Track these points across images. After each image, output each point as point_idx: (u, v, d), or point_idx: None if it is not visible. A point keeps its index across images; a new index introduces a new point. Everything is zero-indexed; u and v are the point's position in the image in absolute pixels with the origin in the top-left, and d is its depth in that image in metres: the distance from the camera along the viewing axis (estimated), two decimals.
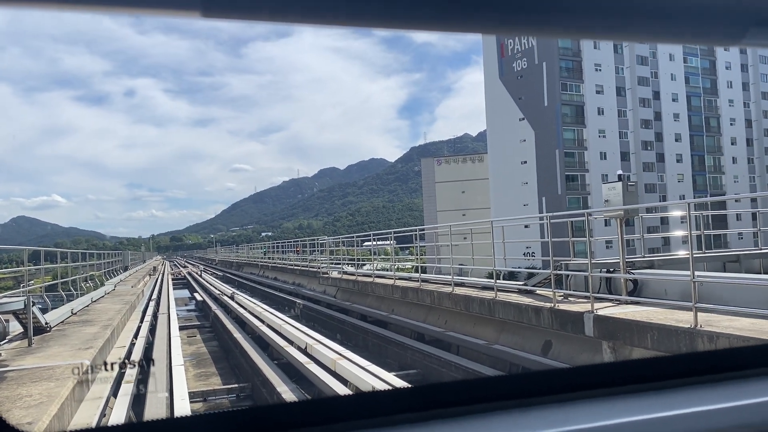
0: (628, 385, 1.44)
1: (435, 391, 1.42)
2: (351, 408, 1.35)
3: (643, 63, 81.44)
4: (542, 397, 1.39)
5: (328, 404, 1.42)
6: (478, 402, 1.36)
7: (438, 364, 12.67)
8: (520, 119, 79.29)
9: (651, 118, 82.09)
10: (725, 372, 1.48)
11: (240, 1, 0.71)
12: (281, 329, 16.33)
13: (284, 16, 0.71)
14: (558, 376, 1.54)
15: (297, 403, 1.41)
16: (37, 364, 7.69)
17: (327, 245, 30.18)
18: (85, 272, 21.82)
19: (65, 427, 6.11)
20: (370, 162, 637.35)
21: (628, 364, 1.64)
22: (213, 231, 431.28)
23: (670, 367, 1.54)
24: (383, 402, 1.36)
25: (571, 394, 1.41)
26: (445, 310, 14.38)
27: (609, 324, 8.87)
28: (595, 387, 1.43)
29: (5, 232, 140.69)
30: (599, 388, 1.43)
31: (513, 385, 1.48)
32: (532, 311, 10.69)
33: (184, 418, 1.23)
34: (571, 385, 1.43)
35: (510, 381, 1.57)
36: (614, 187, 10.81)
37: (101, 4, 0.69)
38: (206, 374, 15.42)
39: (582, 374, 1.52)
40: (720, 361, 1.53)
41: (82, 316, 13.26)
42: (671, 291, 10.14)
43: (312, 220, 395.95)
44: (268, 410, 1.28)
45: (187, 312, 30.05)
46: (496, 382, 1.56)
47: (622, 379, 1.46)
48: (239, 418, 1.24)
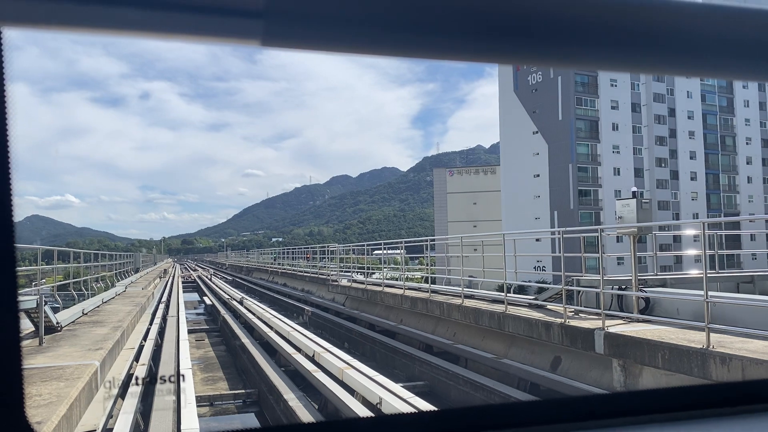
0: (640, 416, 1.43)
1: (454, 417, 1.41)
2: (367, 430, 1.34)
3: (659, 80, 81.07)
4: (552, 425, 1.38)
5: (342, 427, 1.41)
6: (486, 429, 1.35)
7: (446, 377, 12.60)
8: (533, 132, 79.16)
9: (666, 135, 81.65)
10: (743, 404, 1.46)
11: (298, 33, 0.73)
12: (289, 336, 16.33)
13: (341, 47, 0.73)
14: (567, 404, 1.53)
15: (312, 424, 1.40)
16: (48, 363, 7.72)
17: (337, 253, 30.20)
18: (97, 273, 21.97)
19: (73, 428, 6.13)
20: (382, 171, 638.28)
21: (641, 393, 1.63)
22: (224, 235, 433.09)
23: (685, 397, 1.52)
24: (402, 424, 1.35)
25: (585, 423, 1.40)
26: (454, 322, 14.32)
27: (620, 342, 8.79)
28: (608, 416, 1.41)
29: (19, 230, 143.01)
30: (612, 418, 1.41)
31: (533, 410, 1.47)
32: (542, 326, 10.62)
33: None
34: (583, 413, 1.42)
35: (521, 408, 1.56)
36: (628, 204, 10.75)
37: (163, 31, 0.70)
38: (213, 378, 15.44)
39: (595, 402, 1.50)
40: (738, 393, 1.50)
41: (92, 317, 13.33)
42: (683, 310, 10.04)
43: (323, 227, 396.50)
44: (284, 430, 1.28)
45: (196, 315, 30.15)
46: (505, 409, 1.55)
47: (635, 409, 1.44)
48: None
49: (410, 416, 1.39)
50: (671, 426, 1.41)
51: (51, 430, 5.11)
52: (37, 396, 5.97)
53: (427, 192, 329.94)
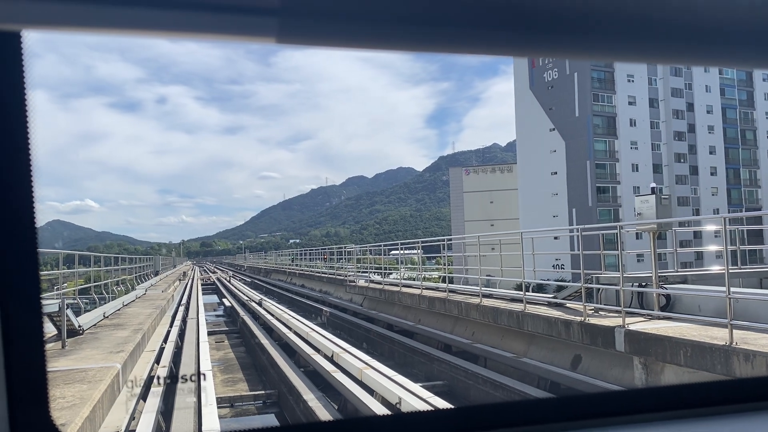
0: (665, 411, 1.41)
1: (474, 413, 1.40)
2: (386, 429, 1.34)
3: (677, 74, 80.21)
4: (581, 421, 1.37)
5: (362, 424, 1.41)
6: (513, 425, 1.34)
7: (465, 376, 12.57)
8: (550, 130, 78.67)
9: (684, 130, 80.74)
10: (749, 402, 1.44)
11: (312, 30, 0.73)
12: (308, 336, 16.38)
13: (355, 42, 0.73)
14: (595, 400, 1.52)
15: (334, 422, 1.40)
16: (70, 366, 7.82)
17: (354, 253, 30.25)
18: (117, 276, 22.21)
19: (96, 430, 6.20)
20: (398, 171, 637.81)
21: (666, 389, 1.61)
22: (242, 237, 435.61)
23: (711, 393, 1.50)
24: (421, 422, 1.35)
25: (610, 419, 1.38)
26: (473, 321, 14.28)
27: (641, 339, 8.71)
28: (631, 413, 1.40)
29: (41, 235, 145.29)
30: (635, 414, 1.40)
31: (550, 408, 1.46)
32: (562, 324, 10.55)
33: None
34: (609, 410, 1.41)
35: (546, 404, 1.55)
36: (647, 200, 10.64)
37: (178, 30, 0.71)
38: (233, 380, 15.53)
39: (617, 399, 1.49)
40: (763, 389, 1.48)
41: (113, 320, 13.48)
42: (705, 307, 9.92)
43: (339, 228, 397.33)
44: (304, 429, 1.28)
45: (216, 317, 30.34)
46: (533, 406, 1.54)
47: (659, 405, 1.43)
48: None
49: (427, 414, 1.39)
50: (682, 424, 1.39)
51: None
52: (61, 398, 6.05)
53: (443, 191, 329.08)
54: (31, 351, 1.21)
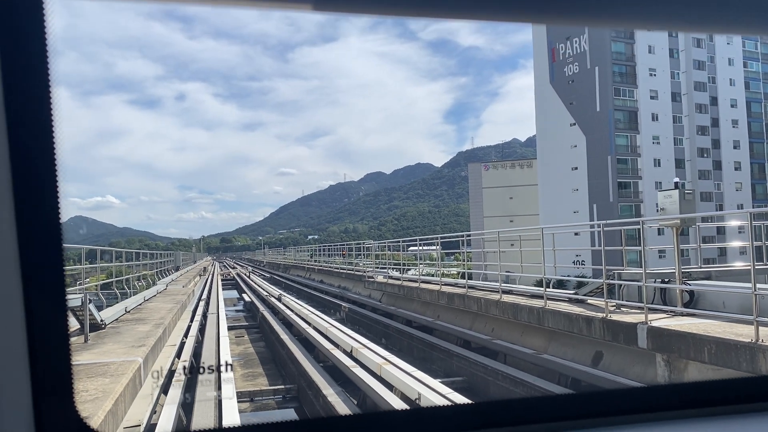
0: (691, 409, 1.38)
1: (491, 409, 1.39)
2: (404, 423, 1.32)
3: (700, 68, 79.06)
4: (605, 418, 1.35)
5: (380, 419, 1.40)
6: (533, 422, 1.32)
7: (484, 373, 12.52)
8: (571, 124, 77.98)
9: (708, 124, 79.59)
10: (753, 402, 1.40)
11: None
12: (327, 332, 16.43)
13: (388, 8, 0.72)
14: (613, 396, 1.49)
15: (352, 416, 1.38)
16: (93, 360, 7.92)
17: (373, 249, 30.27)
18: (138, 271, 22.46)
19: (119, 423, 6.27)
20: (416, 167, 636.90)
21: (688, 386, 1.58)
22: (261, 233, 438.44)
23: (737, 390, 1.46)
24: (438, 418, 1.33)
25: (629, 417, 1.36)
26: (492, 317, 14.21)
27: (663, 336, 8.60)
28: (652, 410, 1.37)
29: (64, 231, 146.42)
30: (655, 412, 1.37)
31: (574, 404, 1.44)
32: (583, 321, 10.46)
33: None
34: (628, 407, 1.38)
35: (569, 400, 1.52)
36: (670, 195, 10.49)
37: None
38: (253, 374, 15.63)
39: (637, 396, 1.46)
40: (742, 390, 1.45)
41: (135, 314, 13.63)
42: (730, 304, 9.77)
43: (358, 224, 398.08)
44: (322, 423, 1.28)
45: (236, 312, 30.56)
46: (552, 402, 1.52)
47: (682, 402, 1.40)
48: None
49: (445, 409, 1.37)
50: (704, 422, 1.37)
51: (98, 425, 5.23)
52: (84, 392, 6.12)
53: (461, 187, 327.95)
54: (56, 344, 1.22)
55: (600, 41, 74.22)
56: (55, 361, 1.23)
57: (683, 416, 1.36)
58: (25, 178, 1.11)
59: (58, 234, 1.17)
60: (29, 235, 1.12)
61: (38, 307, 1.17)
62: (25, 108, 1.10)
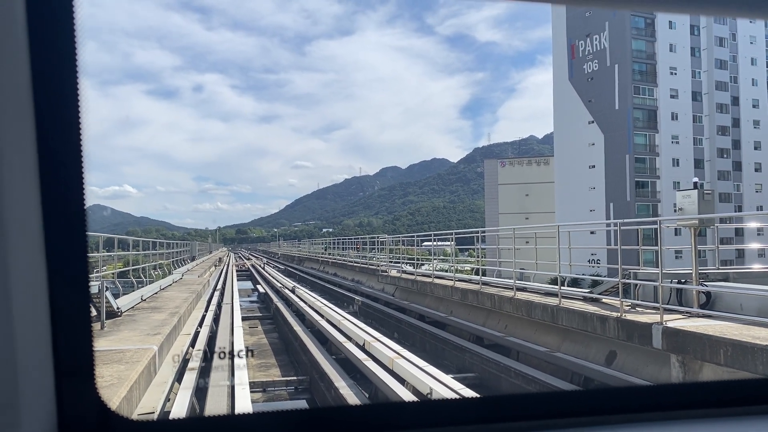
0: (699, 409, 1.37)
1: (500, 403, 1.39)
2: (414, 415, 1.33)
3: (722, 67, 78.00)
4: (614, 416, 1.34)
5: (391, 410, 1.41)
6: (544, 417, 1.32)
7: (497, 369, 12.51)
8: (589, 122, 77.32)
9: (729, 124, 78.55)
10: None
11: None
12: (340, 325, 16.50)
13: None
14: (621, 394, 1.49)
15: (359, 407, 1.39)
16: (109, 347, 8.01)
17: (387, 243, 30.29)
18: (155, 261, 22.66)
19: (133, 409, 6.35)
20: (432, 162, 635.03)
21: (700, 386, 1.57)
22: (276, 225, 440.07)
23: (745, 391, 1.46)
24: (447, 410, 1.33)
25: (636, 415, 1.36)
26: (506, 314, 14.18)
27: (679, 337, 8.53)
28: (660, 409, 1.37)
29: None
30: (665, 411, 1.37)
31: (582, 400, 1.44)
32: (598, 320, 10.40)
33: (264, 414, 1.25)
34: (636, 405, 1.38)
35: (577, 396, 1.52)
36: (689, 195, 10.37)
37: None
38: (266, 365, 15.73)
39: (646, 394, 1.46)
40: None
41: (151, 303, 13.77)
42: (747, 306, 9.66)
43: (372, 218, 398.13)
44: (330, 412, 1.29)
45: (250, 303, 30.75)
46: (562, 397, 1.52)
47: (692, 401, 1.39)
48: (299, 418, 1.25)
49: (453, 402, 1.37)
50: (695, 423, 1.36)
51: None
52: (99, 378, 6.19)
53: (477, 183, 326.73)
54: (79, 330, 1.24)
55: (620, 38, 73.47)
56: (78, 345, 1.25)
57: (692, 416, 1.35)
58: (52, 168, 1.12)
59: (82, 223, 1.18)
60: (55, 224, 1.14)
61: (62, 293, 1.19)
62: (53, 99, 1.11)
